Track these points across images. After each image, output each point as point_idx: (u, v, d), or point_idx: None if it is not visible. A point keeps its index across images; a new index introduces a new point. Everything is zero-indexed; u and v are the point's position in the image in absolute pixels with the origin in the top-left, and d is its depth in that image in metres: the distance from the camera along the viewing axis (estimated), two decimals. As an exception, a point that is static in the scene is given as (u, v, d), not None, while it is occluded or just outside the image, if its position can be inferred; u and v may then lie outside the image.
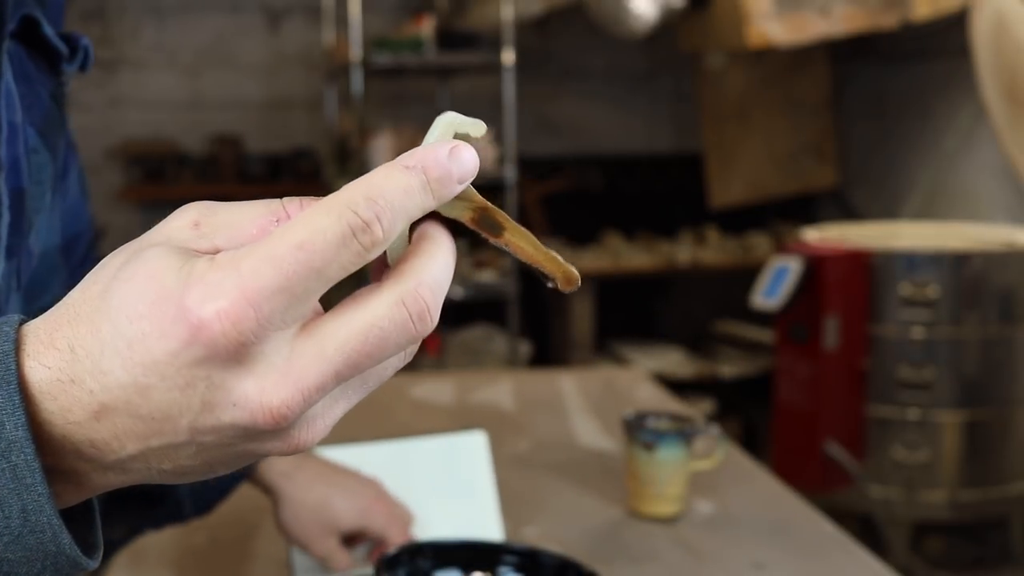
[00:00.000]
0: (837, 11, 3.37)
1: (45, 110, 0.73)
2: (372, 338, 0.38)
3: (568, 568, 0.91)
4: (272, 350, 0.37)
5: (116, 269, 0.39)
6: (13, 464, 0.37)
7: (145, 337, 0.37)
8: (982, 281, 2.98)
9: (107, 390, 0.37)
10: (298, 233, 0.37)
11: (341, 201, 0.38)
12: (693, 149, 4.66)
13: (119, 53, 4.78)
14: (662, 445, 1.23)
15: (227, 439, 0.38)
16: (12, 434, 0.37)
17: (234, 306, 0.36)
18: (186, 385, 0.37)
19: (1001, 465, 3.04)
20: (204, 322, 0.36)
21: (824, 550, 1.19)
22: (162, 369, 0.37)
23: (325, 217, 0.37)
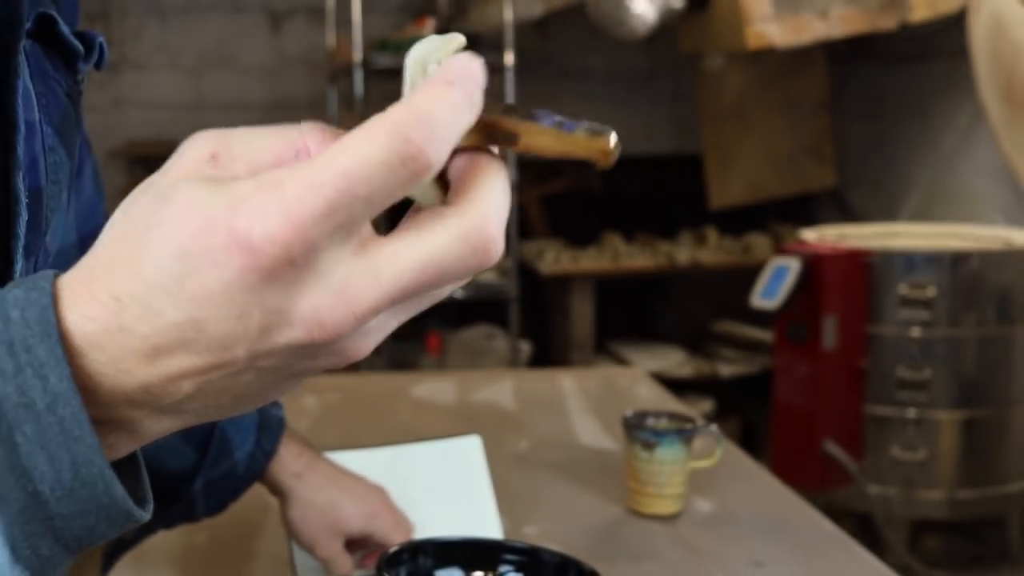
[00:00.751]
0: (835, 12, 3.38)
1: (62, 109, 0.73)
2: (431, 270, 0.37)
3: (568, 566, 0.92)
4: (327, 270, 0.37)
5: (145, 212, 0.39)
6: (60, 417, 0.36)
7: (195, 270, 0.36)
8: (980, 281, 2.99)
9: (159, 332, 0.37)
10: (342, 159, 0.36)
11: (389, 125, 0.37)
12: (693, 150, 4.67)
13: (122, 54, 4.79)
14: (662, 444, 1.24)
15: (284, 360, 0.38)
16: (57, 387, 0.36)
17: (283, 231, 0.35)
18: (242, 313, 0.36)
19: (999, 464, 3.05)
20: (256, 247, 0.35)
21: (823, 548, 1.20)
22: (217, 300, 0.36)
23: (371, 143, 0.36)
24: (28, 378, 0.36)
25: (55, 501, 0.37)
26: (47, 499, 0.36)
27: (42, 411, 0.36)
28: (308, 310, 0.37)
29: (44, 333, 0.36)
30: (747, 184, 4.39)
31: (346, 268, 0.37)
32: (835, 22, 3.37)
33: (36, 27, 0.70)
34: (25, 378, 0.36)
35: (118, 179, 4.84)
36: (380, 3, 4.73)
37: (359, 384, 1.86)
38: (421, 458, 1.12)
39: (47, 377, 0.36)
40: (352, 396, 1.79)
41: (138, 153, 4.77)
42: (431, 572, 0.92)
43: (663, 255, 4.20)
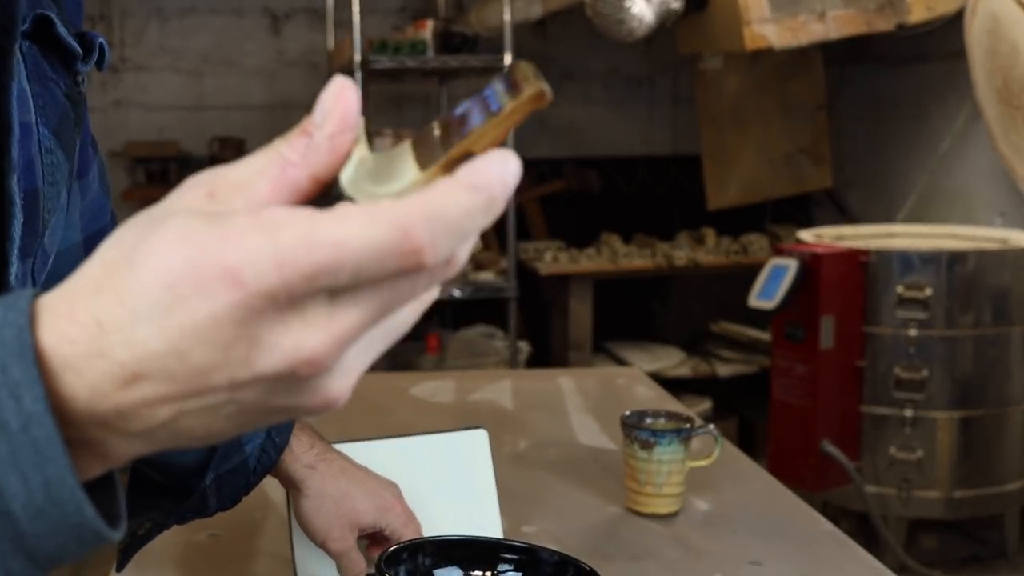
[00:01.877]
0: (833, 14, 3.39)
1: (60, 110, 0.72)
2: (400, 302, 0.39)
3: (567, 565, 0.92)
4: (309, 308, 0.37)
5: (135, 238, 0.38)
6: (33, 438, 0.36)
7: (183, 300, 0.36)
8: (976, 281, 3.00)
9: (139, 360, 0.37)
10: (342, 231, 0.36)
11: (398, 215, 0.37)
12: (691, 151, 4.68)
13: (123, 56, 4.80)
14: (660, 444, 1.25)
15: (264, 391, 0.38)
16: (32, 408, 0.36)
17: (272, 276, 0.36)
18: (228, 343, 0.37)
19: (995, 463, 3.06)
20: (246, 283, 0.36)
21: (820, 547, 1.20)
22: (202, 331, 0.36)
23: (374, 228, 0.36)
24: (2, 398, 0.36)
25: (27, 521, 0.37)
26: (18, 518, 0.37)
27: (15, 431, 0.36)
28: (291, 341, 0.37)
29: (20, 354, 0.36)
30: (745, 185, 4.40)
31: (326, 310, 0.37)
32: (832, 23, 3.38)
33: (33, 28, 0.70)
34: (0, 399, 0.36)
35: (119, 180, 4.84)
36: (379, 4, 4.74)
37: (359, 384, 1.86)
38: (427, 450, 1.11)
39: (22, 397, 0.36)
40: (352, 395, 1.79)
41: (139, 154, 4.77)
42: (430, 571, 0.93)
43: (661, 256, 4.20)
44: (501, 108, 0.40)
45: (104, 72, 0.83)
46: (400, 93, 4.89)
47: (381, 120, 4.51)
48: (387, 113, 4.78)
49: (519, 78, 0.40)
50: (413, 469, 1.09)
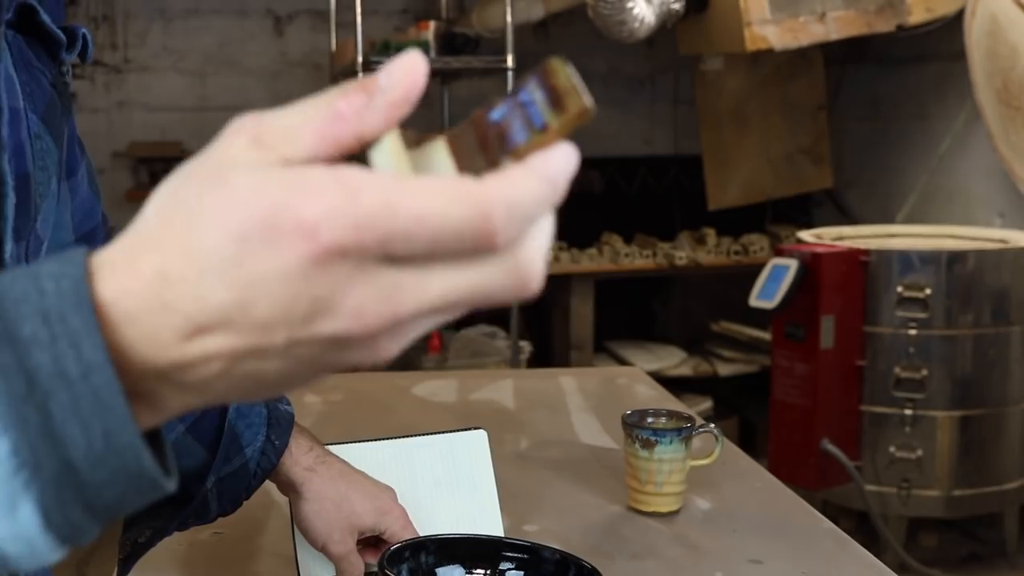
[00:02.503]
0: (833, 15, 3.39)
1: (47, 98, 0.73)
2: (477, 296, 0.38)
3: (568, 564, 0.93)
4: (379, 274, 0.37)
5: (198, 192, 0.38)
6: (94, 387, 0.36)
7: (254, 252, 0.36)
8: (976, 281, 3.01)
9: (203, 311, 0.37)
10: (423, 203, 0.37)
11: (480, 196, 0.37)
12: (691, 151, 4.68)
13: (126, 57, 4.81)
14: (661, 443, 1.25)
15: (318, 350, 0.38)
16: (91, 356, 0.36)
17: (348, 235, 0.36)
18: (292, 299, 0.37)
19: (995, 463, 3.07)
20: (321, 239, 0.36)
21: (820, 546, 1.21)
22: (270, 284, 0.36)
23: (456, 205, 0.37)
24: (62, 348, 0.36)
25: (87, 469, 0.37)
26: (79, 467, 0.37)
27: (76, 380, 0.36)
28: (353, 305, 0.37)
29: (77, 304, 0.37)
30: (745, 185, 4.40)
31: (397, 275, 0.37)
32: (833, 24, 3.39)
33: (17, 17, 0.70)
34: (59, 348, 0.36)
35: (122, 180, 4.85)
36: (382, 6, 4.75)
37: (360, 383, 1.86)
38: (427, 451, 1.12)
39: (81, 346, 0.36)
40: (353, 395, 1.80)
41: (142, 155, 4.78)
42: (433, 569, 0.94)
43: (662, 256, 4.21)
44: (545, 126, 0.39)
45: (102, 68, 0.83)
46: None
47: (383, 120, 4.51)
48: (389, 113, 4.79)
49: (559, 88, 0.39)
50: (414, 470, 1.10)
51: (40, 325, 0.36)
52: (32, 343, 0.36)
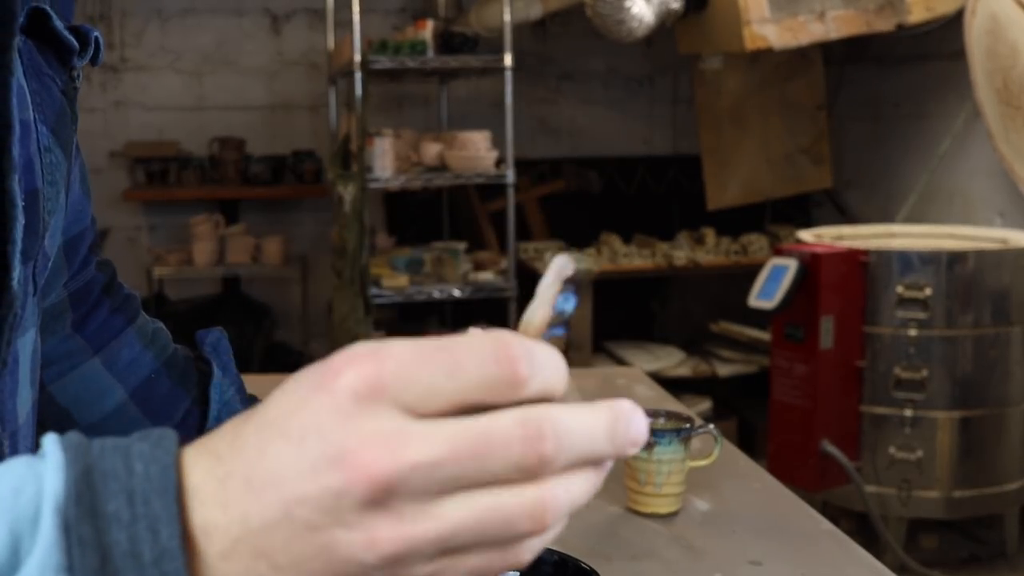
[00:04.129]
0: (833, 14, 3.39)
1: (57, 107, 0.70)
2: (483, 439, 0.37)
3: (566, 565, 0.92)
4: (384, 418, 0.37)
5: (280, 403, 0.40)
6: (164, 572, 0.37)
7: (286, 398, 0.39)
8: (976, 281, 3.00)
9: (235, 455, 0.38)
10: (459, 353, 0.38)
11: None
12: (690, 151, 4.68)
13: (123, 56, 4.80)
14: (660, 444, 1.25)
15: (317, 516, 0.37)
16: (167, 543, 0.37)
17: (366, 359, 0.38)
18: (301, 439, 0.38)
19: (995, 463, 3.06)
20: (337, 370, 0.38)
21: (820, 547, 1.20)
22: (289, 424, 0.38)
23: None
24: (141, 530, 0.37)
25: None
26: None
27: (148, 564, 0.37)
28: (354, 446, 0.37)
29: (163, 489, 0.38)
30: (745, 185, 4.40)
31: (401, 420, 0.37)
32: (832, 24, 3.39)
33: (28, 22, 0.67)
34: (138, 529, 0.37)
35: (119, 180, 4.85)
36: (379, 4, 4.74)
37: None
38: None
39: (159, 532, 0.37)
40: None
41: (139, 154, 4.78)
42: (432, 570, 0.93)
43: (661, 256, 4.21)
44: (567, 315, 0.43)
45: (99, 67, 0.81)
46: (400, 93, 4.89)
47: (381, 120, 4.51)
48: (387, 113, 4.79)
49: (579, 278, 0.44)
50: None
51: (124, 504, 0.37)
52: (113, 520, 0.37)
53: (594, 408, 0.39)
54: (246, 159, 4.76)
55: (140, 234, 4.94)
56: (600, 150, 4.93)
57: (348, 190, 3.75)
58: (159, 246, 4.79)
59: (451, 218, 4.80)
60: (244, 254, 4.53)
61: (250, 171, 4.74)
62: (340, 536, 0.37)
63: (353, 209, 3.69)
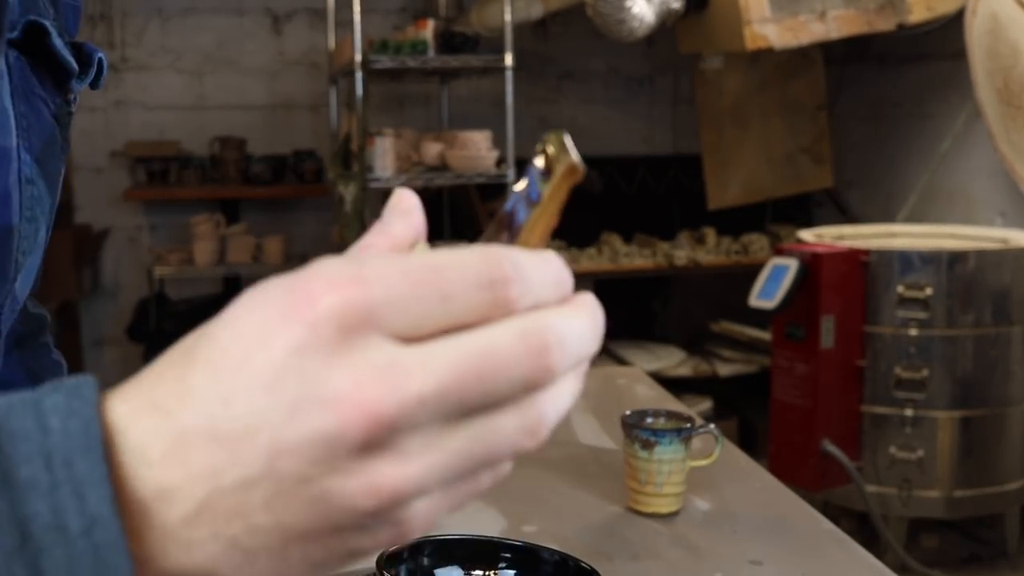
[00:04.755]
0: (833, 14, 3.39)
1: (46, 134, 0.63)
2: (486, 360, 0.33)
3: (567, 564, 0.92)
4: (374, 349, 0.33)
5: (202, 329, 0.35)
6: (96, 544, 0.32)
7: (243, 331, 0.33)
8: (977, 281, 3.00)
9: (188, 409, 0.33)
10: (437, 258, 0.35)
11: (490, 249, 0.35)
12: (691, 151, 4.68)
13: (124, 55, 4.80)
14: (660, 443, 1.25)
15: (307, 466, 0.33)
16: (97, 509, 0.32)
17: (350, 283, 0.33)
18: (275, 382, 0.32)
19: (995, 463, 3.06)
20: (313, 296, 0.33)
21: (821, 547, 1.20)
22: (254, 363, 0.33)
23: (470, 255, 0.35)
24: (64, 497, 0.32)
25: None
26: None
27: (76, 536, 0.32)
28: (347, 385, 0.32)
29: (87, 447, 0.32)
30: (745, 185, 4.40)
31: (395, 349, 0.33)
32: (833, 23, 3.38)
33: (24, 37, 0.61)
34: (60, 496, 0.32)
35: (120, 180, 4.85)
36: (380, 4, 4.74)
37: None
38: None
39: (86, 497, 0.32)
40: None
41: (140, 154, 4.78)
42: (431, 570, 0.93)
43: (662, 255, 4.21)
44: (540, 196, 0.40)
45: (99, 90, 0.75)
46: (401, 93, 4.89)
47: (382, 120, 4.51)
48: (388, 113, 4.79)
49: (550, 156, 0.40)
50: None
51: (41, 468, 0.32)
52: (30, 488, 0.32)
53: (578, 308, 0.37)
54: (247, 159, 4.76)
55: (141, 234, 4.94)
56: (601, 150, 4.93)
57: (349, 190, 3.74)
58: (160, 246, 4.79)
59: (452, 218, 4.80)
60: (245, 254, 4.53)
61: (251, 171, 4.74)
62: (334, 485, 0.33)
63: (354, 209, 3.69)
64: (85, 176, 4.82)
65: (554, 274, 0.36)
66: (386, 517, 0.34)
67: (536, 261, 0.36)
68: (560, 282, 0.36)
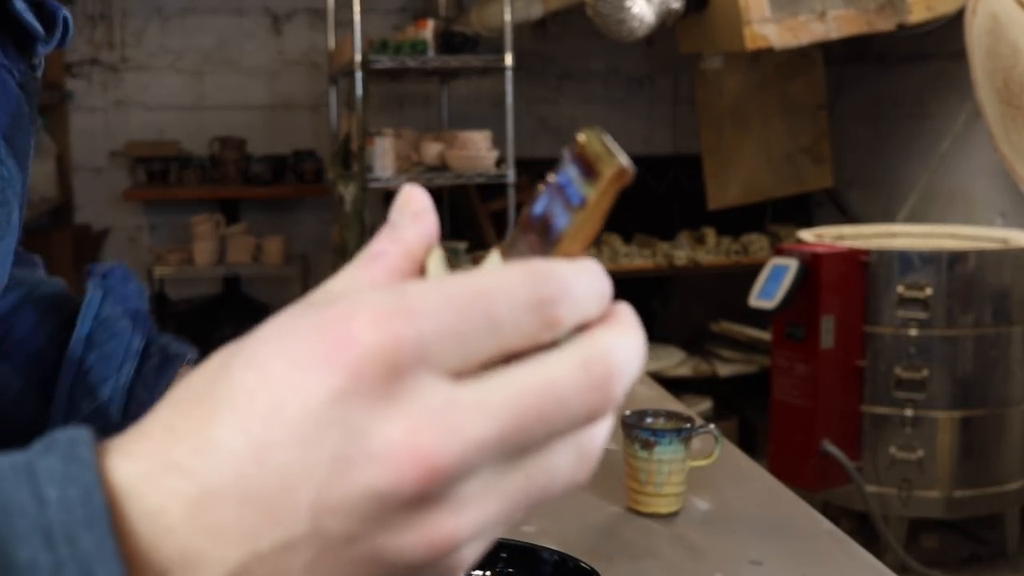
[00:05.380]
0: (833, 14, 3.38)
1: (13, 108, 0.58)
2: (548, 397, 0.31)
3: (566, 564, 0.92)
4: (427, 390, 0.30)
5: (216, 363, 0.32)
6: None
7: (272, 375, 0.30)
8: (977, 281, 3.00)
9: (213, 467, 0.29)
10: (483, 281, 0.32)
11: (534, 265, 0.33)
12: (691, 151, 4.68)
13: (123, 55, 4.80)
14: (660, 443, 1.25)
15: (356, 524, 0.29)
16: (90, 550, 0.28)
17: (393, 318, 0.30)
18: (315, 434, 0.29)
19: (995, 463, 3.06)
20: (353, 336, 0.29)
21: (821, 547, 1.20)
22: (289, 414, 0.29)
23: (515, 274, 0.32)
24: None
25: None
26: None
27: None
28: (401, 435, 0.29)
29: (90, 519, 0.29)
30: (745, 185, 4.40)
31: (450, 389, 0.30)
32: (833, 23, 3.38)
33: None
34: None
35: (120, 180, 4.84)
36: (380, 4, 4.74)
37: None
38: None
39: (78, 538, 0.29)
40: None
41: (139, 154, 4.78)
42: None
43: (662, 255, 4.20)
44: (584, 201, 0.36)
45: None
46: (401, 93, 4.89)
47: (382, 120, 4.51)
48: (388, 113, 4.79)
49: (591, 156, 0.37)
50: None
51: (41, 548, 0.28)
52: (31, 571, 0.28)
53: (628, 327, 0.35)
54: (247, 159, 4.76)
55: (141, 234, 4.94)
56: (601, 150, 4.93)
57: (349, 190, 3.74)
58: (160, 246, 4.79)
59: (452, 218, 4.80)
60: (245, 254, 4.53)
61: (251, 171, 4.74)
62: (386, 542, 0.30)
63: (354, 209, 3.69)
64: (85, 176, 4.82)
65: (598, 286, 0.34)
66: (437, 566, 0.31)
67: (581, 274, 0.34)
68: (603, 293, 0.34)
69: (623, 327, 0.34)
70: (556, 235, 0.36)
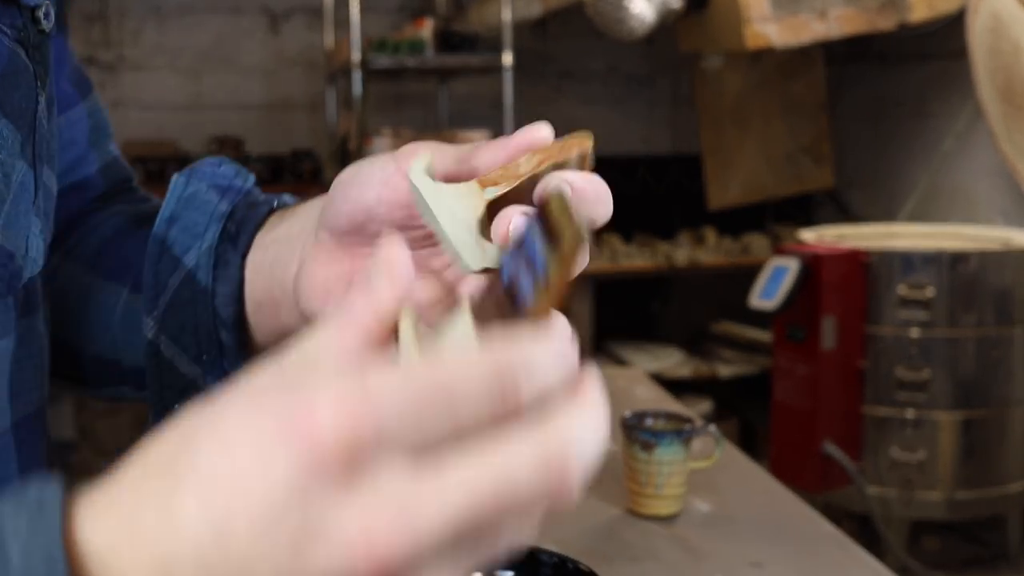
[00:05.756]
0: (834, 13, 3.38)
1: (3, 64, 0.55)
2: (504, 488, 0.31)
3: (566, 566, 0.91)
4: (383, 479, 0.31)
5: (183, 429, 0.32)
6: None
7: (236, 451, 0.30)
8: (979, 281, 2.99)
9: (175, 535, 0.30)
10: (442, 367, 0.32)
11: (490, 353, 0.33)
12: (691, 150, 4.67)
13: (120, 55, 4.79)
14: (660, 445, 1.24)
15: None
16: None
17: (355, 408, 0.30)
18: (274, 524, 0.30)
19: (998, 465, 3.05)
20: (316, 423, 0.30)
21: (822, 549, 1.20)
22: (251, 493, 0.30)
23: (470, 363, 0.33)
24: None
25: None
26: None
27: None
28: (356, 525, 0.30)
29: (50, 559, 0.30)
30: (746, 184, 4.39)
31: (406, 476, 0.31)
32: (834, 22, 3.37)
33: None
34: None
35: (116, 179, 4.84)
36: (378, 3, 4.73)
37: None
38: None
39: None
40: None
41: (136, 153, 4.76)
42: (428, 573, 0.91)
43: (662, 255, 4.20)
44: (546, 273, 0.38)
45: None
46: (399, 92, 4.88)
47: (380, 120, 4.50)
48: (386, 112, 4.78)
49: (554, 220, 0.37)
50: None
51: None
52: None
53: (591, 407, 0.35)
54: (244, 158, 4.75)
55: (138, 234, 4.93)
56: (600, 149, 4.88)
57: (347, 189, 3.73)
58: (158, 246, 4.78)
59: (451, 218, 4.79)
60: (243, 254, 4.52)
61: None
62: None
63: (352, 208, 3.67)
64: (83, 176, 4.82)
65: (562, 359, 0.35)
66: None
67: (546, 350, 0.34)
68: (568, 365, 0.35)
69: (586, 407, 0.35)
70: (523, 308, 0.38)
